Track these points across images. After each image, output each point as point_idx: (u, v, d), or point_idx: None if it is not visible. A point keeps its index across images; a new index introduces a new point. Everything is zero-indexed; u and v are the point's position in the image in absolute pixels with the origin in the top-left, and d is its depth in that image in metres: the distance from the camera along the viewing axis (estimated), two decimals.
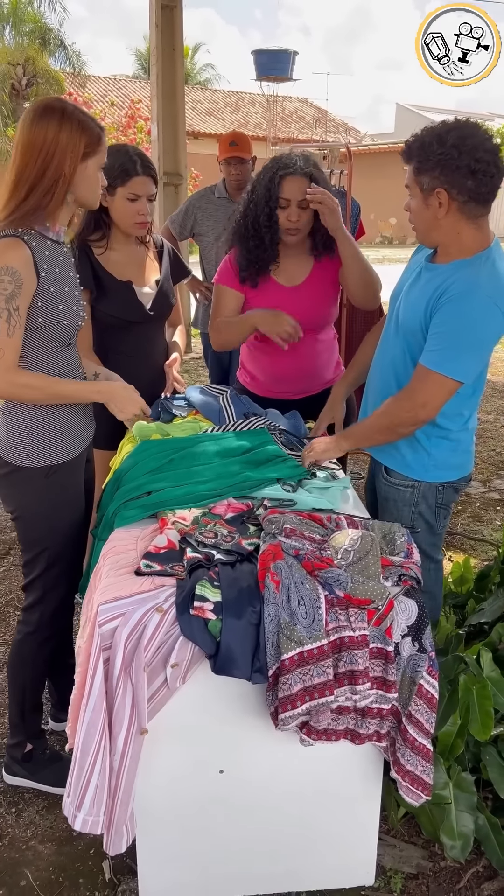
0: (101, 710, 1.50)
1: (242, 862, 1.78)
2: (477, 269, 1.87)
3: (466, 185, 1.81)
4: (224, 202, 3.87)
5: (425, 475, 2.07)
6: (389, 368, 2.10)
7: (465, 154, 1.79)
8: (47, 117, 1.74)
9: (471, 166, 1.79)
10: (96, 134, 1.79)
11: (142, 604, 1.54)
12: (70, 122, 1.74)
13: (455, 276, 1.87)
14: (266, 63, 15.34)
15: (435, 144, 1.82)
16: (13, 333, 1.72)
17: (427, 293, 1.92)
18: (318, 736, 1.58)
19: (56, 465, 1.90)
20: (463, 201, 1.84)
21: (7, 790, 2.17)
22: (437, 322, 1.88)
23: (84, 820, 1.51)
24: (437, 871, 1.87)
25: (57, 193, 1.76)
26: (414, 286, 2.02)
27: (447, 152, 1.80)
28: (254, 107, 24.35)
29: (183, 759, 1.66)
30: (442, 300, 1.87)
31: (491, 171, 1.81)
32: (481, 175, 1.81)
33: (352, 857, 1.82)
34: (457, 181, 1.82)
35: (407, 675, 1.58)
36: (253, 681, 1.52)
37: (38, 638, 2.06)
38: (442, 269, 1.93)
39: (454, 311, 1.85)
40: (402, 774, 1.58)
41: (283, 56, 15.52)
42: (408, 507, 2.11)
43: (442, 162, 1.81)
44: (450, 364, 1.86)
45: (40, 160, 1.73)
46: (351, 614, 1.53)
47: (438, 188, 1.84)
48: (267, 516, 1.77)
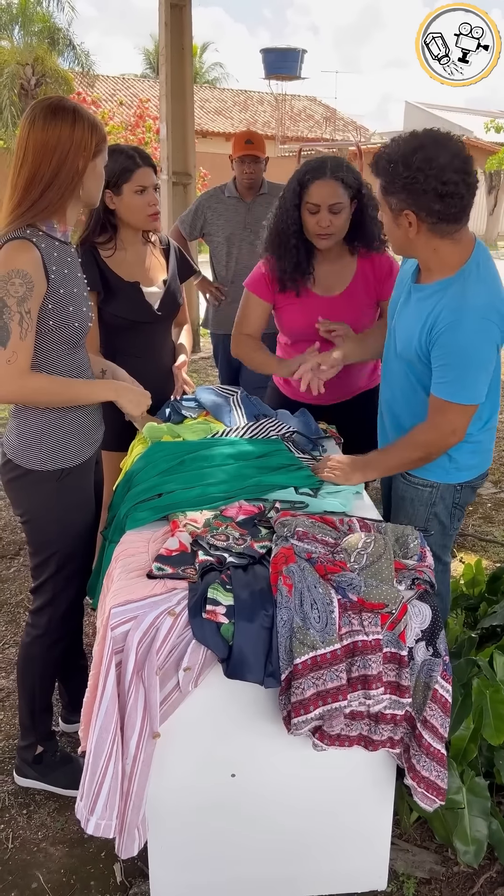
0: (113, 714, 1.49)
1: (254, 865, 1.77)
2: (462, 287, 1.83)
3: (434, 208, 1.76)
4: (234, 202, 3.84)
5: (446, 477, 2.06)
6: (392, 387, 2.09)
7: (432, 177, 1.73)
8: (60, 116, 1.74)
9: (438, 190, 1.74)
10: (103, 133, 1.81)
11: (154, 607, 1.53)
12: (83, 121, 1.75)
13: (443, 303, 1.84)
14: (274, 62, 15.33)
15: (400, 166, 1.76)
16: (25, 336, 1.71)
17: (419, 319, 1.89)
18: (332, 741, 1.57)
19: (68, 468, 1.90)
20: (432, 223, 1.80)
21: (18, 792, 2.17)
22: (438, 354, 1.86)
23: (97, 824, 1.51)
24: (449, 877, 1.86)
25: (69, 191, 1.76)
26: (405, 307, 1.99)
27: (413, 176, 1.74)
28: (262, 105, 24.32)
29: (195, 763, 1.65)
30: (435, 332, 1.84)
31: (460, 191, 1.75)
32: (449, 198, 1.75)
33: (364, 861, 1.81)
34: (424, 205, 1.77)
35: (421, 679, 1.57)
36: (265, 685, 1.51)
37: (47, 641, 2.05)
38: (428, 290, 1.90)
39: (451, 342, 1.82)
40: (417, 780, 1.57)
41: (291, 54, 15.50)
42: (424, 507, 2.09)
43: (408, 186, 1.76)
44: (463, 392, 1.85)
45: (55, 159, 1.73)
46: (364, 618, 1.52)
47: (406, 210, 1.80)
48: (279, 519, 1.76)
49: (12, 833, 2.04)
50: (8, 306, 1.68)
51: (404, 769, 1.62)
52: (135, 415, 2.00)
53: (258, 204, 3.82)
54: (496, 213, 23.80)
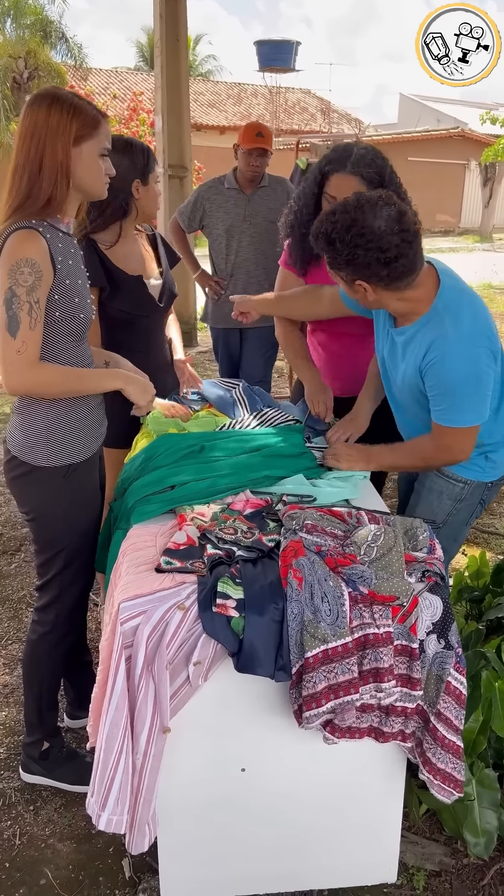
0: (123, 709, 1.48)
1: (264, 859, 1.77)
2: (440, 320, 1.83)
3: (382, 274, 1.77)
4: (234, 193, 3.80)
5: (481, 475, 2.08)
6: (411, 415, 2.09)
7: (371, 250, 1.73)
8: (38, 103, 1.71)
9: (380, 259, 1.74)
10: (91, 116, 1.74)
11: (163, 601, 1.52)
12: (60, 106, 1.70)
13: (427, 338, 1.85)
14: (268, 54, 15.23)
15: (338, 244, 1.75)
16: (35, 327, 1.69)
17: (412, 361, 1.91)
18: (342, 734, 1.57)
19: (75, 463, 1.88)
20: (385, 285, 1.80)
21: (25, 788, 2.16)
22: (431, 385, 1.88)
23: (108, 819, 1.50)
24: (459, 869, 1.86)
25: (61, 183, 1.72)
26: (393, 356, 2.01)
27: (352, 252, 1.74)
28: (256, 98, 24.20)
29: (204, 757, 1.64)
30: (424, 366, 1.86)
31: (403, 251, 1.74)
32: (394, 261, 1.74)
33: (374, 854, 1.80)
34: (371, 274, 1.77)
35: (433, 672, 1.56)
36: (276, 679, 1.50)
37: (54, 637, 2.04)
38: (408, 331, 1.92)
39: (441, 373, 1.84)
40: (433, 773, 1.56)
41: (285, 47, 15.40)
42: (452, 501, 2.10)
43: (351, 262, 1.77)
44: (463, 416, 1.87)
45: (33, 147, 1.70)
46: (375, 611, 1.51)
47: (357, 280, 1.81)
48: (287, 512, 1.75)
49: (19, 829, 2.03)
50: (17, 296, 1.66)
51: (418, 764, 1.61)
52: (142, 404, 1.97)
53: (258, 196, 3.79)
54: (491, 206, 23.77)
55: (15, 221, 1.70)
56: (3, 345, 1.68)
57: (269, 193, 3.83)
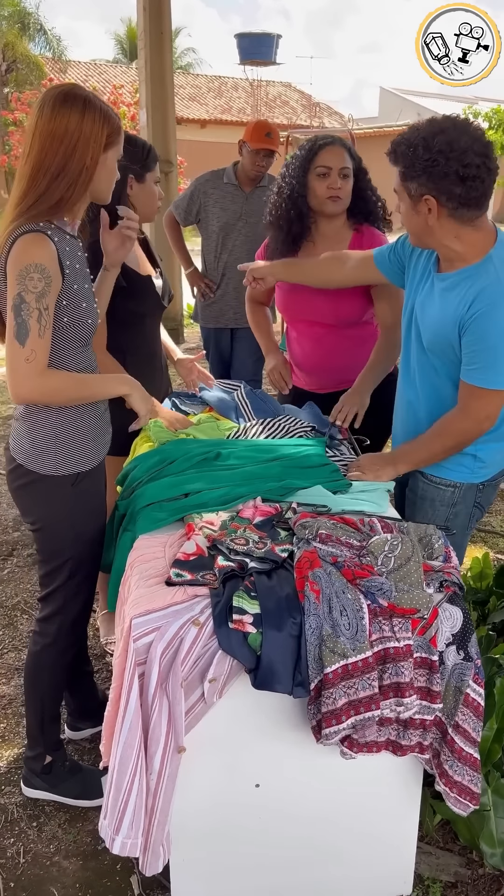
0: (137, 729, 1.44)
1: (277, 875, 1.73)
2: (494, 272, 1.78)
3: (455, 192, 1.73)
4: (232, 189, 3.73)
5: (470, 477, 2.02)
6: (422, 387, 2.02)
7: (454, 160, 1.70)
8: (69, 105, 1.65)
9: (459, 172, 1.70)
10: (117, 124, 1.72)
11: (177, 616, 1.47)
12: (93, 111, 1.67)
13: (475, 288, 1.78)
14: (249, 47, 15.15)
15: (421, 149, 1.73)
16: (44, 334, 1.63)
17: (449, 309, 1.83)
18: (360, 748, 1.53)
19: (83, 472, 1.83)
20: (453, 208, 1.76)
21: (27, 804, 2.11)
22: (472, 340, 1.80)
23: (123, 843, 1.45)
24: (475, 879, 1.83)
25: (79, 186, 1.68)
26: (429, 300, 1.93)
27: (434, 158, 1.71)
28: (237, 91, 24.08)
29: (217, 773, 1.60)
30: (467, 318, 1.79)
31: (481, 175, 1.72)
32: (471, 181, 1.72)
33: (390, 866, 1.78)
34: (445, 188, 1.73)
35: (452, 684, 1.53)
36: (295, 695, 1.46)
37: (56, 649, 1.99)
38: (454, 277, 1.85)
39: (486, 327, 1.77)
40: (449, 786, 1.53)
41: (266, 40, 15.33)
42: (445, 507, 2.04)
43: (428, 169, 1.72)
44: (498, 377, 1.80)
45: (62, 150, 1.65)
46: (395, 623, 1.48)
47: (426, 195, 1.75)
48: (298, 521, 1.71)
49: (23, 847, 1.98)
50: (26, 302, 1.60)
51: (434, 775, 1.58)
52: (143, 412, 1.92)
53: (256, 195, 3.72)
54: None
55: (23, 223, 1.65)
56: (12, 352, 1.63)
57: (266, 192, 3.78)
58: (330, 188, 2.33)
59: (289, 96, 24.51)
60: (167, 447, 2.06)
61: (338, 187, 2.33)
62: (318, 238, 2.44)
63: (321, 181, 2.33)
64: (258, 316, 2.74)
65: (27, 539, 3.62)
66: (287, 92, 24.64)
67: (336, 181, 2.32)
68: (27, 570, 3.34)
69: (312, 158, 2.33)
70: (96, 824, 2.04)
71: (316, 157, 2.33)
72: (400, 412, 2.14)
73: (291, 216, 2.37)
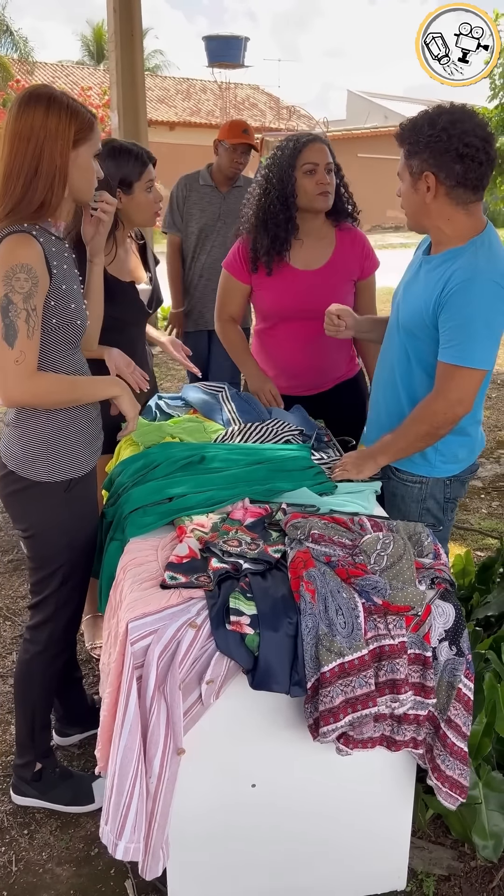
0: (136, 733, 1.44)
1: (273, 875, 1.74)
2: (473, 254, 1.85)
3: (454, 169, 1.80)
4: (209, 190, 3.72)
5: (433, 471, 2.04)
6: (390, 368, 2.06)
7: (455, 138, 1.78)
8: (33, 104, 1.64)
9: (459, 150, 1.78)
10: (87, 119, 1.70)
11: (173, 619, 1.48)
12: (58, 108, 1.65)
13: (454, 267, 1.84)
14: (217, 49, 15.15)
15: (426, 127, 1.81)
16: (32, 335, 1.62)
17: (428, 289, 1.89)
18: (355, 745, 1.55)
19: (76, 478, 1.82)
20: (451, 186, 1.82)
21: (17, 811, 2.09)
22: (447, 317, 1.84)
23: (126, 848, 1.45)
24: (468, 872, 1.86)
25: (57, 187, 1.67)
26: (413, 282, 1.99)
27: (436, 135, 1.79)
28: (205, 94, 24.06)
29: (213, 775, 1.61)
30: (444, 294, 1.84)
31: (480, 157, 1.80)
32: (469, 160, 1.79)
33: (384, 863, 1.79)
34: (444, 164, 1.80)
35: (444, 679, 1.55)
36: (292, 694, 1.47)
37: (47, 656, 1.97)
38: (438, 259, 1.91)
39: (461, 303, 1.82)
40: (441, 780, 1.56)
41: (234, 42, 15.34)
42: (415, 503, 2.07)
43: (431, 144, 1.80)
44: (472, 355, 1.83)
45: (30, 150, 1.63)
46: (389, 622, 1.50)
47: (426, 171, 1.83)
48: (290, 521, 1.72)
49: (15, 855, 1.96)
50: (14, 303, 1.59)
51: (427, 769, 1.60)
52: (132, 414, 1.91)
53: (233, 196, 3.72)
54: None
55: (6, 226, 1.63)
56: (1, 355, 1.61)
57: (244, 193, 3.78)
58: (319, 184, 2.34)
59: (257, 99, 24.55)
60: (152, 451, 2.06)
61: (327, 182, 2.35)
62: (303, 236, 2.45)
63: (309, 178, 2.34)
64: (233, 335, 2.67)
65: (6, 545, 3.58)
66: (255, 94, 24.67)
67: (324, 177, 2.35)
68: (8, 577, 3.31)
69: (297, 156, 2.34)
70: (88, 830, 2.03)
71: (301, 155, 2.34)
72: (376, 393, 2.16)
73: (280, 217, 2.37)
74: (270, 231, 2.39)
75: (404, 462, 2.05)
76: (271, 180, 2.38)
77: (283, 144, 2.40)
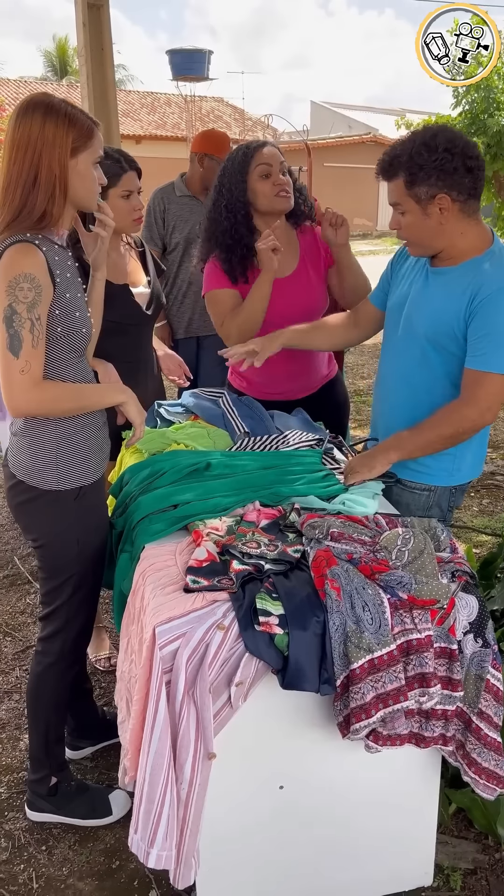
0: (167, 739, 1.43)
1: (300, 876, 1.73)
2: (498, 264, 1.86)
3: (465, 183, 1.83)
4: (188, 200, 3.72)
5: (447, 480, 2.05)
6: (401, 377, 2.06)
7: (458, 155, 1.81)
8: (31, 113, 1.64)
9: (467, 164, 1.82)
10: (86, 126, 1.69)
11: (200, 621, 1.47)
12: (55, 116, 1.64)
13: (481, 278, 1.85)
14: (181, 63, 15.20)
15: (424, 153, 1.82)
16: (37, 345, 1.61)
17: (453, 300, 1.88)
18: (384, 741, 1.55)
19: (86, 486, 1.81)
20: (463, 200, 1.85)
21: (33, 828, 2.06)
22: (479, 325, 1.84)
23: (158, 856, 1.43)
24: (493, 864, 1.86)
25: (58, 196, 1.66)
26: (426, 292, 1.97)
27: (441, 157, 1.81)
28: (170, 107, 24.13)
29: (241, 777, 1.60)
30: (475, 304, 1.84)
31: (482, 165, 1.85)
32: (477, 171, 1.84)
33: (410, 859, 1.80)
34: (456, 183, 1.82)
35: (472, 672, 1.56)
36: (322, 692, 1.47)
37: (60, 667, 1.95)
38: (455, 271, 1.91)
39: (492, 311, 1.82)
40: (479, 773, 1.56)
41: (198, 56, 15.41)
42: (420, 511, 2.06)
43: (438, 167, 1.81)
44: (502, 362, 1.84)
45: (28, 159, 1.63)
46: (415, 615, 1.50)
47: (438, 194, 1.83)
48: (307, 521, 1.72)
49: (35, 872, 1.93)
50: (18, 313, 1.58)
51: (460, 767, 1.60)
52: (138, 421, 1.90)
53: None
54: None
55: (8, 236, 1.62)
56: (6, 365, 1.60)
57: None
58: (276, 184, 2.31)
59: (222, 111, 24.67)
60: (158, 458, 2.05)
61: (284, 182, 2.31)
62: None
63: (265, 181, 2.30)
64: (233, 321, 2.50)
65: (1, 560, 3.54)
66: (220, 107, 24.80)
67: (279, 177, 2.31)
68: (4, 592, 3.27)
69: (249, 161, 2.30)
70: (108, 843, 2.00)
71: (253, 160, 2.30)
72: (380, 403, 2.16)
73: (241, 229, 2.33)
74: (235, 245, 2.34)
75: (415, 473, 2.04)
76: (224, 192, 2.33)
77: (233, 154, 2.37)
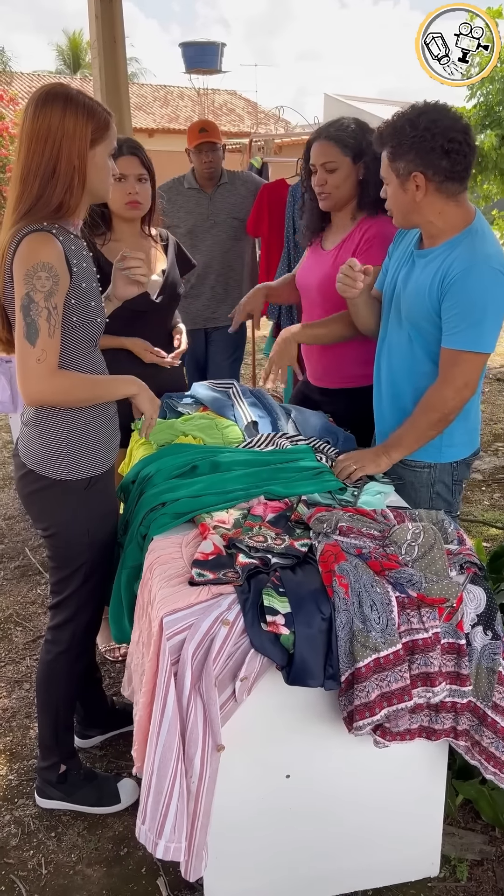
0: (175, 731, 1.43)
1: (307, 865, 1.74)
2: (470, 243, 1.89)
3: (441, 165, 1.84)
4: (194, 193, 3.73)
5: (440, 456, 2.07)
6: (396, 359, 2.08)
7: (439, 135, 1.83)
8: (50, 104, 1.64)
9: (444, 147, 1.83)
10: (104, 118, 1.69)
11: (205, 613, 1.48)
12: (75, 108, 1.64)
13: (452, 256, 1.89)
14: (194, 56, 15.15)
15: (408, 128, 1.85)
16: (54, 334, 1.62)
17: (428, 279, 1.92)
18: (393, 737, 1.54)
19: (97, 475, 1.82)
20: (440, 181, 1.87)
21: (42, 815, 2.08)
22: (450, 305, 1.89)
23: (166, 847, 1.44)
24: (500, 856, 1.87)
25: (76, 187, 1.67)
26: (410, 275, 2.01)
27: (420, 135, 1.83)
28: (183, 100, 24.07)
29: (248, 768, 1.61)
30: (446, 282, 1.88)
31: (464, 149, 1.85)
32: (455, 154, 1.84)
33: (417, 850, 1.80)
34: (432, 163, 1.84)
35: (483, 665, 1.55)
36: (326, 688, 1.48)
37: (71, 656, 1.96)
38: (435, 252, 1.94)
39: (462, 289, 1.86)
40: (498, 767, 1.55)
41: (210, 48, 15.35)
42: (425, 488, 2.10)
43: (416, 145, 1.84)
44: (476, 340, 1.87)
45: (48, 150, 1.63)
46: (423, 614, 1.50)
47: (414, 171, 1.86)
48: (314, 515, 1.72)
49: (44, 858, 1.95)
50: (35, 301, 1.58)
51: (479, 764, 1.59)
52: (150, 413, 1.90)
53: (219, 194, 3.73)
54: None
55: (25, 225, 1.63)
56: (22, 353, 1.61)
57: (230, 190, 3.79)
58: (316, 185, 2.34)
59: (235, 104, 24.59)
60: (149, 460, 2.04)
61: (322, 183, 2.31)
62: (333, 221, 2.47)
63: (313, 178, 2.34)
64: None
65: (12, 551, 3.56)
66: (233, 100, 24.72)
67: (320, 177, 2.30)
68: (16, 583, 3.29)
69: (308, 158, 2.35)
70: (116, 830, 2.02)
71: (310, 156, 2.34)
72: (381, 388, 2.17)
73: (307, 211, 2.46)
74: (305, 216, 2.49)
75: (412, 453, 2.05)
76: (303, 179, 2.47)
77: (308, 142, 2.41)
